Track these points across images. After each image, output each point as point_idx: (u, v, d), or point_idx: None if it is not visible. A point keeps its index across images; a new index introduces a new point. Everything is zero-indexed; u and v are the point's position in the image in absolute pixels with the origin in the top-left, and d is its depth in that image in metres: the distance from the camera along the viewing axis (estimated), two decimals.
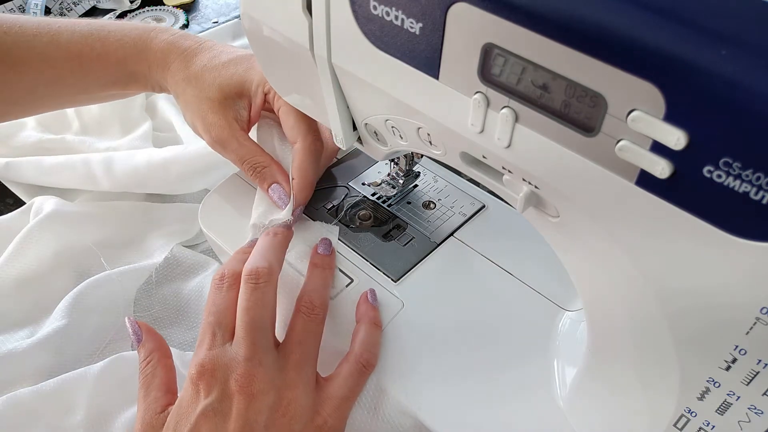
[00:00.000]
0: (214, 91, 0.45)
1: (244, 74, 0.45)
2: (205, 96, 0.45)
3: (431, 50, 0.26)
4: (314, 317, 0.37)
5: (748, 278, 0.22)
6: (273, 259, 0.38)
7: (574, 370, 0.36)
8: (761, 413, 0.26)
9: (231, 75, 0.45)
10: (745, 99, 0.18)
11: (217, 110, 0.45)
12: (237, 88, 0.45)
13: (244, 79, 0.45)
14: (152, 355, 0.37)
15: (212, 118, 0.45)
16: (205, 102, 0.45)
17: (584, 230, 0.27)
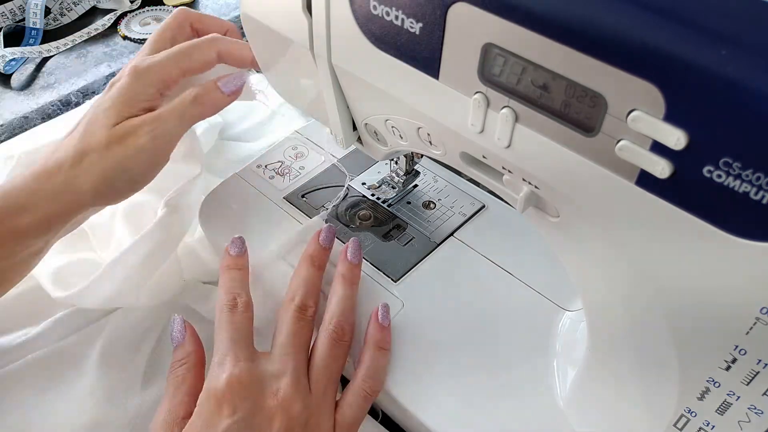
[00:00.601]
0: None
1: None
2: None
3: (431, 50, 0.26)
4: (343, 344, 0.37)
5: (748, 278, 0.22)
6: (318, 297, 0.39)
7: (574, 370, 0.36)
8: (761, 413, 0.26)
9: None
10: (745, 99, 0.18)
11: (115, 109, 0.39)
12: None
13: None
14: (188, 358, 0.36)
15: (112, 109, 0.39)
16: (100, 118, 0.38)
17: (584, 230, 0.27)
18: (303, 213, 0.47)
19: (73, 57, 0.74)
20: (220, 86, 0.41)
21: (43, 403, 0.40)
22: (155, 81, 0.39)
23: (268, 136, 0.62)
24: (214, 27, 0.44)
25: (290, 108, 0.64)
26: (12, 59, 0.72)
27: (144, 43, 0.73)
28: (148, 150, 0.38)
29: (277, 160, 0.52)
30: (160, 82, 0.39)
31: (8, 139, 0.62)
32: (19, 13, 0.79)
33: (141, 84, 0.38)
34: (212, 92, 0.40)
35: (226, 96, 0.41)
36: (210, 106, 0.41)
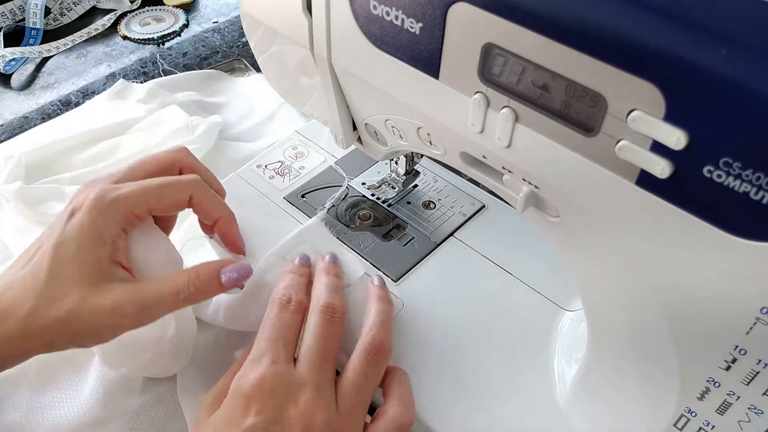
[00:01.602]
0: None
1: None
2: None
3: (431, 50, 0.26)
4: (380, 362, 0.35)
5: (748, 278, 0.22)
6: (342, 299, 0.37)
7: (574, 370, 0.36)
8: (761, 413, 0.26)
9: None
10: (745, 99, 0.18)
11: (97, 288, 0.34)
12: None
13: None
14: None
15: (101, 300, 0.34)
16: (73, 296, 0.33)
17: (584, 230, 0.27)
18: (303, 213, 0.47)
19: (73, 57, 0.74)
20: (222, 278, 0.37)
21: (43, 402, 0.40)
22: (119, 218, 0.35)
23: (268, 136, 0.62)
24: (211, 185, 0.41)
25: (290, 108, 0.64)
26: (12, 59, 0.72)
27: (144, 43, 0.73)
28: (124, 327, 0.34)
29: (277, 160, 0.52)
30: (123, 219, 0.35)
31: (8, 139, 0.62)
32: (19, 13, 0.79)
33: (104, 221, 0.34)
34: (212, 284, 0.36)
35: (222, 288, 0.37)
36: (204, 297, 0.37)
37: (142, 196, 0.36)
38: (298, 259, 0.40)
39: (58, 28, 0.79)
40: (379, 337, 0.35)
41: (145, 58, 0.74)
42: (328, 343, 0.34)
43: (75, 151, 0.59)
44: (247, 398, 0.31)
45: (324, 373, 0.33)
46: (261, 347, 0.34)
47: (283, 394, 0.32)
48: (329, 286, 0.38)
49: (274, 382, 0.32)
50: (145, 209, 0.36)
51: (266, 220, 0.47)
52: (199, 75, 0.69)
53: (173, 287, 0.35)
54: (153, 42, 0.74)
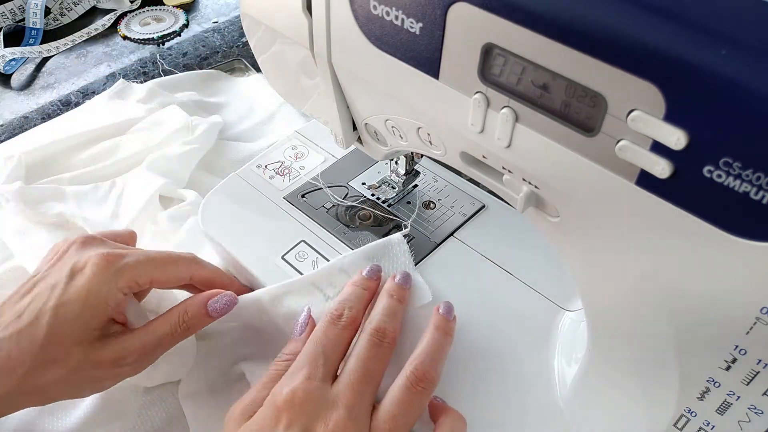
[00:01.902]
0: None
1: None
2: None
3: (431, 50, 0.26)
4: (420, 391, 0.33)
5: (748, 278, 0.22)
6: (397, 326, 0.36)
7: (574, 370, 0.36)
8: (761, 413, 0.26)
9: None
10: (745, 99, 0.18)
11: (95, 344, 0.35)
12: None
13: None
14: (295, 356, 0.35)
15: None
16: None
17: (584, 230, 0.27)
18: (303, 213, 0.47)
19: (73, 57, 0.74)
20: (210, 312, 0.38)
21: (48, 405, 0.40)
22: (123, 286, 0.36)
23: (268, 136, 0.62)
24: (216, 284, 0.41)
25: (290, 108, 0.64)
26: (12, 59, 0.72)
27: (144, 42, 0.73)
28: (125, 375, 0.36)
29: (277, 160, 0.52)
30: (126, 287, 0.36)
31: (8, 139, 0.62)
32: (19, 13, 0.79)
33: (108, 289, 0.35)
34: (201, 317, 0.38)
35: (210, 319, 0.38)
36: (197, 329, 0.38)
37: (146, 268, 0.37)
38: (366, 270, 0.40)
39: (58, 28, 0.79)
40: (424, 367, 0.34)
41: (145, 58, 0.74)
42: (372, 366, 0.33)
43: (75, 151, 0.59)
44: (278, 411, 0.31)
45: (361, 396, 0.32)
46: (301, 361, 0.34)
47: (313, 410, 0.31)
48: (386, 309, 0.37)
49: (304, 398, 0.31)
50: (148, 281, 0.37)
51: (266, 220, 0.47)
52: (199, 75, 0.69)
53: (167, 328, 0.37)
54: (153, 42, 0.74)
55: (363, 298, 0.38)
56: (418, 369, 0.33)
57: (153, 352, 0.36)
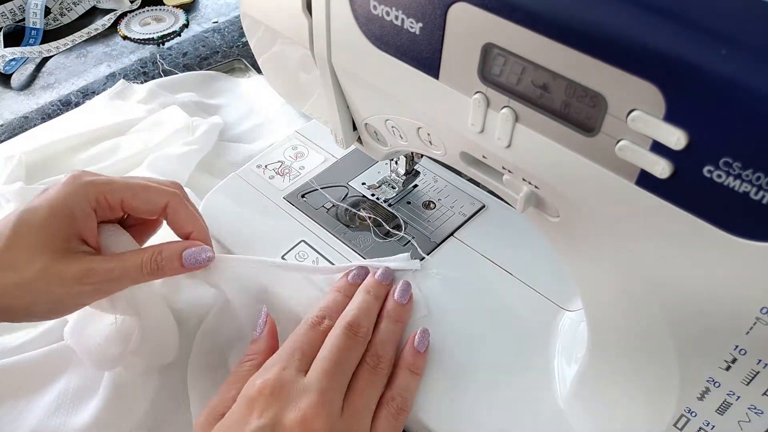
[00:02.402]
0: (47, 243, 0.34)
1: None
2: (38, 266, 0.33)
3: (431, 50, 0.26)
4: (379, 371, 0.36)
5: (748, 278, 0.22)
6: (371, 322, 0.38)
7: (574, 370, 0.36)
8: (761, 413, 0.26)
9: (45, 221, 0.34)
10: (745, 99, 0.18)
11: (64, 258, 0.34)
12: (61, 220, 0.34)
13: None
14: (257, 356, 0.36)
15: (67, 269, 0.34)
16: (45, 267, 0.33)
17: (584, 230, 0.27)
18: (303, 213, 0.47)
19: (73, 57, 0.74)
20: (184, 260, 0.37)
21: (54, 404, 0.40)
22: (91, 197, 0.35)
23: (268, 137, 0.62)
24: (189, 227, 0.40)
25: (290, 108, 0.64)
26: (12, 59, 0.72)
27: (144, 42, 0.73)
28: (83, 301, 0.35)
29: (277, 160, 0.52)
30: (94, 200, 0.35)
31: (8, 139, 0.62)
32: (19, 13, 0.79)
33: (75, 197, 0.35)
34: (173, 263, 0.37)
35: (183, 269, 0.38)
36: (166, 274, 0.37)
37: (118, 186, 0.36)
38: (351, 275, 0.41)
39: (58, 28, 0.79)
40: (377, 350, 0.36)
41: (145, 58, 0.74)
42: (344, 355, 0.35)
43: (75, 151, 0.59)
44: (251, 401, 0.32)
45: (333, 381, 0.33)
46: (276, 357, 0.34)
47: (284, 398, 0.32)
48: (361, 305, 0.38)
49: (275, 386, 0.32)
50: (119, 199, 0.37)
51: (266, 220, 0.47)
52: (200, 76, 0.69)
53: (137, 261, 0.36)
54: (153, 42, 0.74)
55: (343, 307, 0.38)
56: (375, 353, 0.36)
57: (118, 280, 0.35)
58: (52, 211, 0.34)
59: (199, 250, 0.38)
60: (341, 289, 0.40)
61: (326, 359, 0.34)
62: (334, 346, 0.35)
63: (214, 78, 0.70)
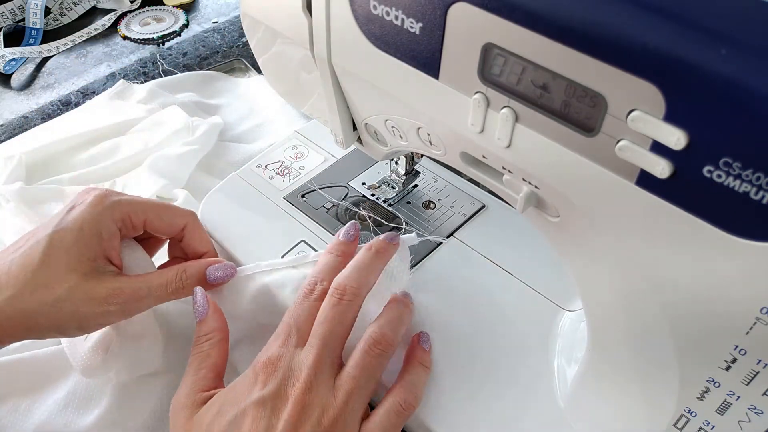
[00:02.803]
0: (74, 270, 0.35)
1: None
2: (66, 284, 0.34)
3: (431, 50, 0.26)
4: (379, 352, 0.35)
5: (748, 278, 0.22)
6: (365, 279, 0.37)
7: (574, 370, 0.36)
8: (761, 413, 0.26)
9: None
10: (745, 99, 0.18)
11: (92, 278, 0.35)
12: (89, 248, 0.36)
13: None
14: (213, 334, 0.37)
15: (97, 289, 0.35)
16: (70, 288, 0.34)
17: (584, 230, 0.27)
18: (303, 213, 0.47)
19: (73, 57, 0.74)
20: (208, 275, 0.39)
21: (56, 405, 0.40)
22: (117, 218, 0.36)
23: (268, 137, 0.62)
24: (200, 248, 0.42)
25: (290, 108, 0.64)
26: (12, 59, 0.72)
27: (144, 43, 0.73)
28: (110, 319, 0.36)
29: (277, 160, 0.52)
30: (120, 220, 0.37)
31: (8, 139, 0.62)
32: (19, 13, 0.79)
33: (103, 218, 0.36)
34: (198, 277, 0.39)
35: (208, 285, 0.39)
36: (188, 294, 0.38)
37: (142, 206, 0.38)
38: (341, 233, 0.41)
39: (58, 28, 0.79)
40: (382, 331, 0.36)
41: (145, 58, 0.74)
42: (333, 326, 0.35)
43: (75, 151, 0.59)
44: (256, 374, 0.34)
45: (324, 357, 0.34)
46: (277, 331, 0.36)
47: (284, 372, 0.33)
48: (354, 265, 0.38)
49: (277, 362, 0.34)
50: (142, 219, 0.38)
51: (266, 220, 0.47)
52: (200, 75, 0.69)
53: (162, 280, 0.37)
54: (153, 42, 0.74)
55: (336, 268, 0.38)
56: (376, 332, 0.36)
57: (143, 300, 0.37)
58: (81, 233, 0.35)
59: (222, 266, 0.40)
60: (333, 250, 0.40)
61: (317, 333, 0.35)
62: (324, 317, 0.35)
63: (214, 78, 0.70)
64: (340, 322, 0.35)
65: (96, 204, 0.36)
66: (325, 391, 0.33)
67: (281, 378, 0.33)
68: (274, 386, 0.33)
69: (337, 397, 0.33)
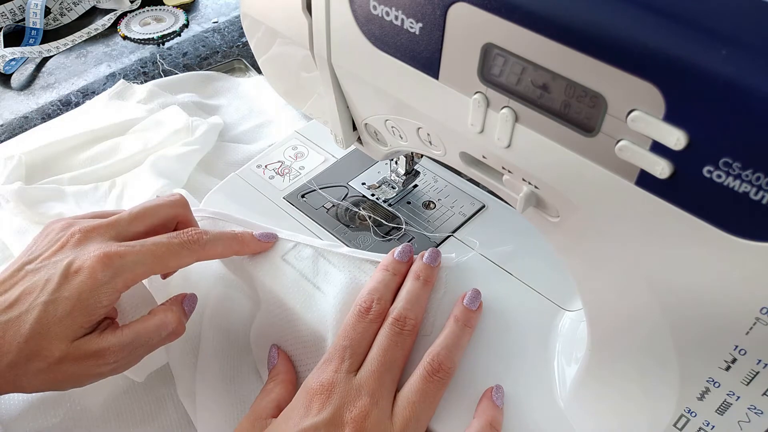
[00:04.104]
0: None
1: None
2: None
3: (431, 50, 0.26)
4: (437, 380, 0.35)
5: (748, 278, 0.22)
6: (420, 309, 0.38)
7: (574, 370, 0.36)
8: (761, 413, 0.26)
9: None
10: (745, 99, 0.18)
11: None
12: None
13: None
14: (278, 376, 0.38)
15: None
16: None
17: (584, 230, 0.27)
18: (303, 213, 0.47)
19: (73, 57, 0.74)
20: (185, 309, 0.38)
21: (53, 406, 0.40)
22: (121, 287, 0.35)
23: (268, 137, 0.62)
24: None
25: (290, 108, 0.64)
26: (12, 59, 0.72)
27: (144, 43, 0.73)
28: (107, 373, 0.35)
29: (277, 160, 0.52)
30: (124, 285, 0.35)
31: (8, 139, 0.62)
32: (19, 13, 0.79)
33: (104, 291, 0.34)
34: (180, 320, 0.37)
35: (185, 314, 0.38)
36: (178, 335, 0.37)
37: (149, 264, 0.36)
38: (397, 252, 0.41)
39: (58, 28, 0.79)
40: (440, 358, 0.36)
41: (145, 58, 0.74)
42: (392, 354, 0.36)
43: (75, 151, 0.59)
44: (310, 398, 0.34)
45: (382, 383, 0.34)
46: (330, 353, 0.36)
47: (341, 398, 0.33)
48: (409, 294, 0.39)
49: (333, 387, 0.34)
50: (145, 274, 0.36)
51: (266, 220, 0.47)
52: (200, 75, 0.69)
53: (155, 323, 0.36)
54: (153, 42, 0.74)
55: (391, 287, 0.39)
56: (435, 360, 0.36)
57: (134, 352, 0.35)
58: (77, 305, 0.33)
59: (189, 299, 0.39)
60: (388, 267, 0.40)
61: (374, 360, 0.35)
62: (382, 345, 0.36)
63: (214, 78, 0.70)
64: (402, 348, 0.36)
65: (97, 274, 0.34)
66: (384, 418, 0.33)
67: (337, 405, 0.33)
68: (330, 413, 0.33)
69: (396, 424, 0.33)
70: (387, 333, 0.36)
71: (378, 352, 0.36)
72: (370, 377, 0.34)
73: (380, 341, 0.36)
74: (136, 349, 0.35)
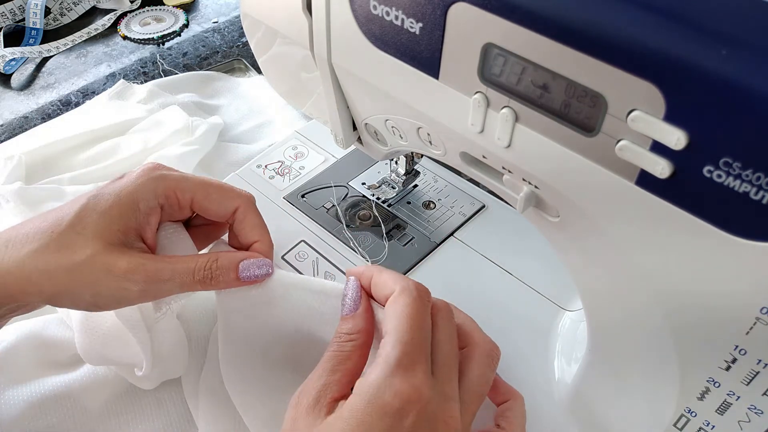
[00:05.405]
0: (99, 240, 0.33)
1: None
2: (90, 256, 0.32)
3: (431, 50, 0.26)
4: (494, 367, 0.33)
5: (748, 278, 0.22)
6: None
7: (574, 370, 0.36)
8: (761, 413, 0.26)
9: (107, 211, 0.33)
10: (745, 99, 0.18)
11: (121, 252, 0.33)
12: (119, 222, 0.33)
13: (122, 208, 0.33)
14: (358, 335, 0.31)
15: (123, 263, 0.32)
16: (99, 259, 0.32)
17: (584, 230, 0.27)
18: (303, 213, 0.47)
19: (73, 57, 0.74)
20: (240, 272, 0.34)
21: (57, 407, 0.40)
22: (161, 192, 0.34)
23: (268, 137, 0.62)
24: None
25: (290, 108, 0.64)
26: (12, 59, 0.72)
27: (144, 43, 0.73)
28: (128, 298, 0.33)
29: (277, 160, 0.52)
30: (164, 195, 0.34)
31: (8, 139, 0.62)
32: (19, 13, 0.79)
33: (145, 190, 0.34)
34: (229, 274, 0.34)
35: (237, 282, 0.35)
36: (218, 286, 0.35)
37: (190, 183, 0.35)
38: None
39: (58, 28, 0.79)
40: (489, 345, 0.33)
41: (145, 58, 0.74)
42: (457, 350, 0.32)
43: (75, 151, 0.59)
44: (402, 410, 0.28)
45: (455, 383, 0.31)
46: (411, 351, 0.29)
47: (434, 408, 0.28)
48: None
49: (428, 395, 0.28)
50: (189, 198, 0.35)
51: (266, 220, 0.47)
52: (199, 76, 0.69)
53: (190, 265, 0.34)
54: (153, 42, 0.74)
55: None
56: (496, 348, 0.33)
57: (165, 281, 0.33)
58: (116, 202, 0.33)
59: (258, 263, 0.35)
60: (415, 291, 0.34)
61: (450, 358, 0.31)
62: (452, 340, 0.32)
63: (214, 78, 0.70)
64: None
65: (141, 175, 0.34)
66: (459, 417, 0.29)
67: (431, 416, 0.28)
68: (427, 424, 0.28)
69: (464, 416, 0.30)
70: (447, 325, 0.32)
71: (450, 349, 0.31)
72: (450, 379, 0.30)
73: (449, 336, 0.32)
74: (166, 281, 0.33)
